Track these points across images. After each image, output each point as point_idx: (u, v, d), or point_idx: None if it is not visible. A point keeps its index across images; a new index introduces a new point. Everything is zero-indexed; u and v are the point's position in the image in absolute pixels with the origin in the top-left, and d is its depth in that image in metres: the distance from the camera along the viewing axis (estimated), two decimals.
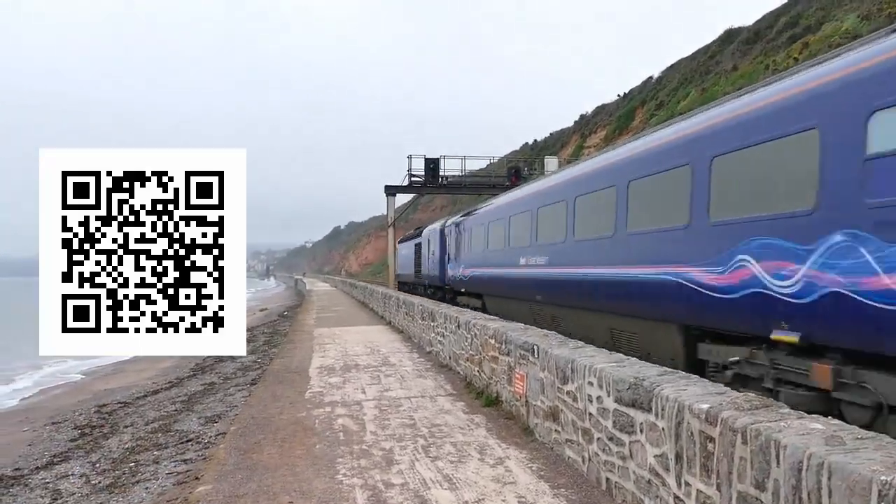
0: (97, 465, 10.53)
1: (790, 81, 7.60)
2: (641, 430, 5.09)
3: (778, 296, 7.20)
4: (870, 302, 6.05)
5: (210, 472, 6.83)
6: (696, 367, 8.85)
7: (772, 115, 7.58)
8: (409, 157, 35.06)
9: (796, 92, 7.32)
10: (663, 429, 4.73)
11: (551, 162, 36.10)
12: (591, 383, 6.04)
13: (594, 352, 6.98)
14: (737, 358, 8.16)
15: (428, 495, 5.78)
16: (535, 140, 78.88)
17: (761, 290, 7.45)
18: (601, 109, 63.94)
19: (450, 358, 12.90)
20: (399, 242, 40.92)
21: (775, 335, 7.24)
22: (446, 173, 35.72)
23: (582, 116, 67.90)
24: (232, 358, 21.81)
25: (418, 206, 77.17)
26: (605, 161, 12.51)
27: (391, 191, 36.40)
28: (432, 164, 34.81)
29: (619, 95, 62.03)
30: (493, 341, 9.54)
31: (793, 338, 6.99)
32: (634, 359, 6.38)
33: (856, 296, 6.20)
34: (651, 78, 57.82)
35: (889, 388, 6.10)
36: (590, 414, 6.06)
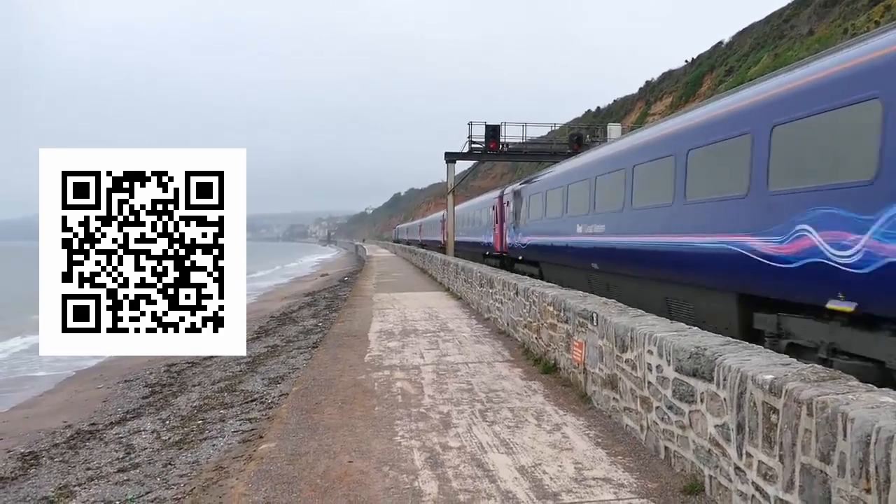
0: (167, 422, 10.96)
1: None
2: (702, 400, 5.02)
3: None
4: None
5: (273, 430, 7.04)
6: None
7: None
8: (470, 124, 34.59)
9: None
10: (725, 399, 4.65)
11: (614, 129, 35.32)
12: (650, 352, 5.97)
13: (654, 321, 6.88)
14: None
15: (485, 459, 5.83)
16: (598, 107, 77.45)
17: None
18: (668, 76, 62.26)
19: (508, 325, 12.91)
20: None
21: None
22: (507, 140, 35.22)
23: (647, 83, 66.28)
24: (294, 321, 22.28)
25: (478, 174, 76.80)
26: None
27: (451, 157, 36.05)
28: (493, 131, 34.36)
29: (686, 61, 60.23)
30: (551, 308, 9.50)
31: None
32: (696, 328, 6.27)
33: None
34: (721, 43, 55.90)
35: None
36: (649, 382, 6.00)
